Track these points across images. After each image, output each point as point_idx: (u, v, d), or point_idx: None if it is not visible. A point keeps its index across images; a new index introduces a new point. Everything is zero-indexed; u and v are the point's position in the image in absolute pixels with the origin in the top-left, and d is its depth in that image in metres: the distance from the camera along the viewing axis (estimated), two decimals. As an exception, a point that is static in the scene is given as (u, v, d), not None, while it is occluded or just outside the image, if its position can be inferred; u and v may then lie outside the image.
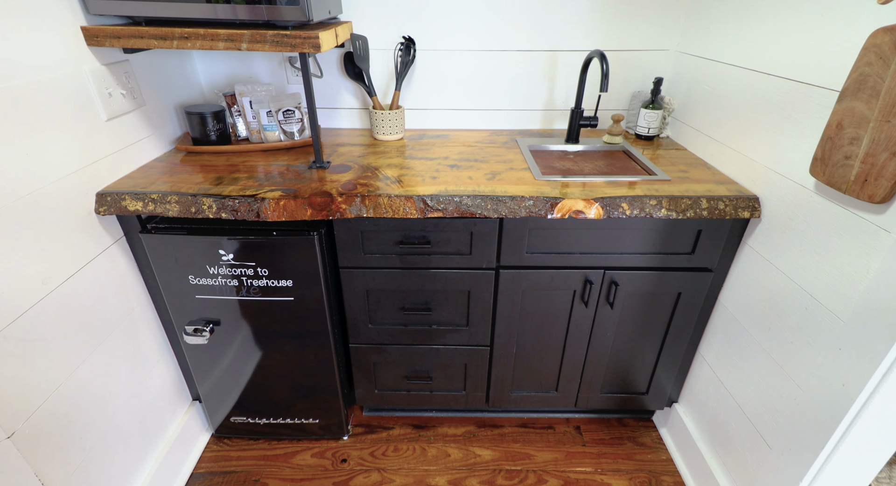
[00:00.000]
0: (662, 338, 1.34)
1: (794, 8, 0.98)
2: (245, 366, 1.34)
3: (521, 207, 1.09)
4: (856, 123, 0.81)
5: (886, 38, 0.76)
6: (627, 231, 1.16)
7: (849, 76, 0.82)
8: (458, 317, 1.31)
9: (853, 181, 0.83)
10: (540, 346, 1.36)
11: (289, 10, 1.04)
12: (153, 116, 1.28)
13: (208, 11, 1.05)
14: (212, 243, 1.12)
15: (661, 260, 1.20)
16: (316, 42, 1.06)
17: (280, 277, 1.17)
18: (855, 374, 0.83)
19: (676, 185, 1.15)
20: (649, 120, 1.44)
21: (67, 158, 0.99)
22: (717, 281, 1.23)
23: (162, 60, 1.32)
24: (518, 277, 1.23)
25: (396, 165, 1.27)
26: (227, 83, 1.54)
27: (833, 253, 0.89)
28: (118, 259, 1.14)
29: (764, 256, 1.07)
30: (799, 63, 0.97)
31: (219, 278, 1.17)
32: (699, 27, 1.34)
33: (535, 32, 1.45)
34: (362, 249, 1.19)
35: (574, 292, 1.25)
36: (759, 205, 1.08)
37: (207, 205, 1.07)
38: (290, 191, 1.10)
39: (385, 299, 1.28)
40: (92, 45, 1.04)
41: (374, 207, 1.09)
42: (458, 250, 1.20)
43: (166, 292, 1.20)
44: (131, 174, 1.17)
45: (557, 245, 1.18)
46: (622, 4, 1.41)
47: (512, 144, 1.45)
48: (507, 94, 1.56)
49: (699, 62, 1.33)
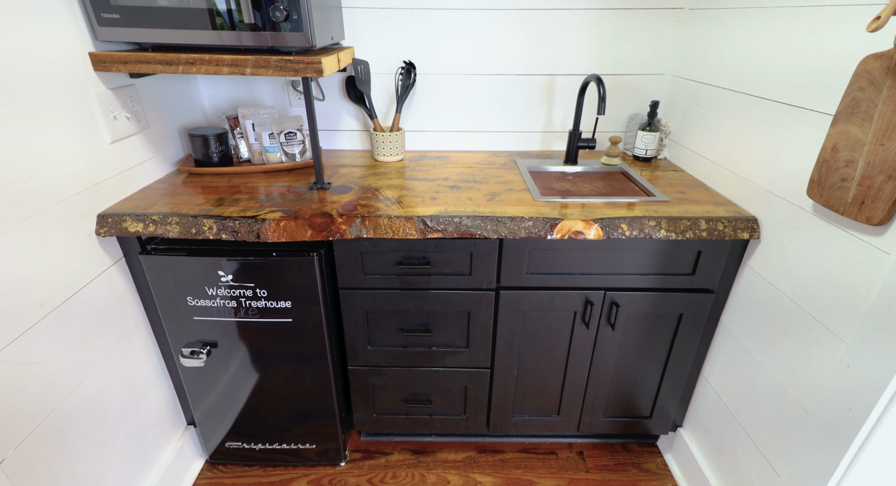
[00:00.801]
0: (665, 360, 1.32)
1: (784, 36, 1.01)
2: (241, 389, 1.31)
3: (520, 228, 1.09)
4: (851, 147, 0.82)
5: (877, 64, 0.78)
6: (627, 252, 1.15)
7: (842, 100, 0.83)
8: (457, 338, 1.30)
9: (850, 203, 0.83)
10: (541, 368, 1.35)
11: (293, 36, 1.07)
12: (156, 138, 1.30)
13: (214, 38, 1.07)
14: (211, 264, 1.12)
15: (661, 281, 1.19)
16: (318, 67, 1.08)
17: (279, 298, 1.16)
18: (861, 399, 0.81)
19: (675, 206, 1.15)
20: (646, 142, 1.46)
21: (70, 180, 0.99)
22: (718, 302, 1.22)
23: (167, 84, 1.34)
24: (518, 297, 1.22)
25: (396, 186, 1.28)
26: (230, 106, 1.56)
27: (833, 275, 0.89)
28: (117, 280, 1.13)
29: (765, 277, 1.07)
30: (792, 87, 0.99)
31: (217, 300, 1.16)
32: (693, 53, 1.37)
33: (533, 57, 1.49)
34: (362, 269, 1.19)
35: (575, 313, 1.24)
36: (757, 226, 1.08)
37: (208, 226, 1.07)
38: (290, 212, 1.11)
39: (384, 320, 1.27)
40: (99, 70, 1.06)
41: (374, 227, 1.10)
42: (458, 270, 1.19)
43: (164, 313, 1.19)
44: (133, 196, 1.18)
45: (557, 266, 1.18)
46: (617, 30, 1.44)
47: (511, 166, 1.47)
48: (506, 116, 1.58)
49: (694, 86, 1.36)
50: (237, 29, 1.06)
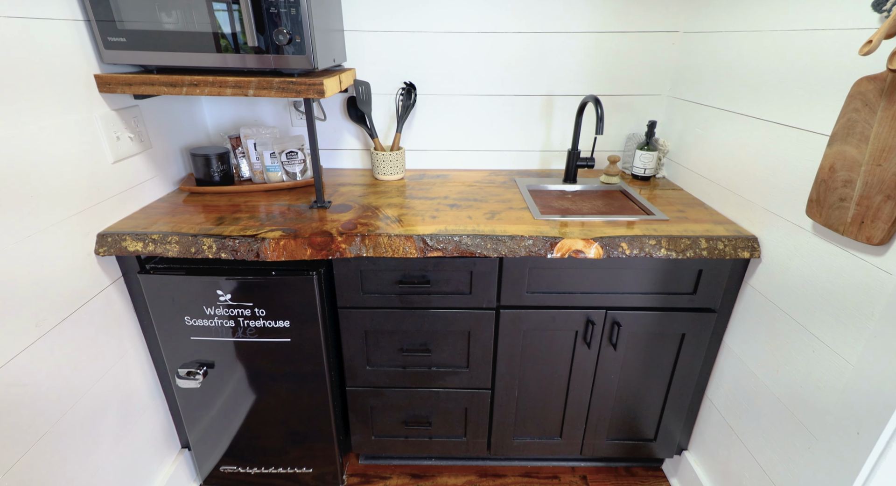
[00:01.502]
0: (668, 381, 1.30)
1: (777, 58, 1.03)
2: (237, 411, 1.29)
3: (520, 247, 1.09)
4: (848, 167, 0.83)
5: (871, 87, 0.79)
6: (628, 271, 1.15)
7: (837, 121, 0.84)
8: (458, 358, 1.28)
9: (850, 223, 0.83)
10: (542, 389, 1.32)
11: (295, 59, 1.09)
12: (159, 157, 1.31)
13: (218, 60, 1.09)
14: (210, 284, 1.11)
15: (663, 300, 1.18)
16: (320, 88, 1.10)
17: (277, 317, 1.15)
18: (869, 422, 0.79)
19: (675, 225, 1.15)
20: (645, 161, 1.47)
21: (71, 200, 1.00)
22: (720, 322, 1.21)
23: (171, 105, 1.36)
24: (519, 317, 1.21)
25: (396, 205, 1.29)
26: (232, 126, 1.58)
27: (836, 295, 0.88)
28: (114, 300, 1.13)
29: (767, 296, 1.06)
30: (787, 109, 1.00)
31: (215, 319, 1.15)
32: (689, 74, 1.39)
33: (532, 78, 1.51)
34: (361, 288, 1.18)
35: (576, 333, 1.23)
36: (758, 245, 1.08)
37: (207, 245, 1.07)
38: (290, 231, 1.11)
39: (384, 339, 1.26)
40: (104, 91, 1.07)
41: (373, 246, 1.09)
42: (458, 289, 1.19)
43: (161, 333, 1.18)
44: (133, 215, 1.18)
45: (558, 285, 1.18)
46: (614, 52, 1.47)
47: (511, 184, 1.48)
48: (506, 135, 1.60)
49: (691, 106, 1.38)
50: (241, 51, 1.08)
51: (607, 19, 1.43)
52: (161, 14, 1.03)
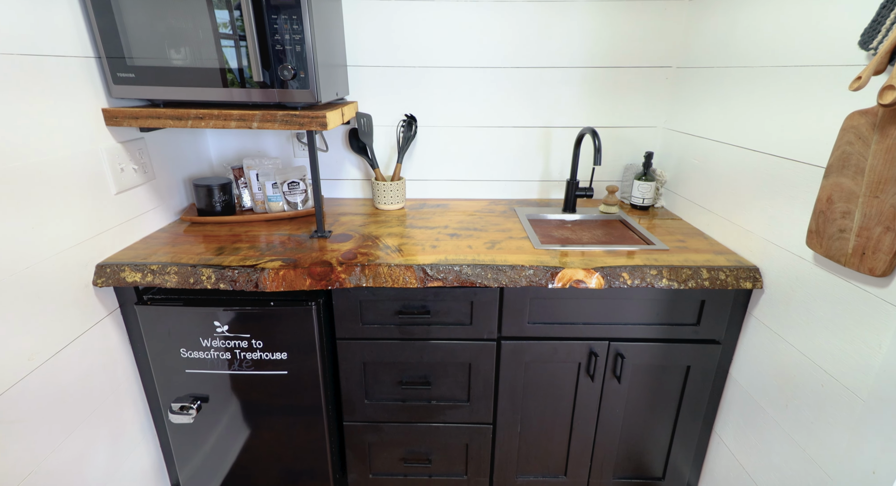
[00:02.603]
0: (675, 416, 1.27)
1: (770, 92, 1.05)
2: (230, 448, 1.25)
3: (521, 277, 1.09)
4: (845, 198, 0.84)
5: (863, 121, 0.80)
6: (630, 301, 1.14)
7: (832, 154, 0.86)
8: (458, 392, 1.25)
9: (851, 254, 0.83)
10: (546, 424, 1.29)
11: (299, 93, 1.11)
12: (162, 188, 1.32)
13: (224, 95, 1.12)
14: (207, 315, 1.10)
15: (666, 331, 1.17)
16: (323, 121, 1.12)
17: (275, 349, 1.13)
18: (885, 459, 0.77)
19: (675, 254, 1.15)
20: (643, 191, 1.49)
21: (72, 230, 1.00)
22: (726, 354, 1.19)
23: (175, 136, 1.39)
24: (520, 348, 1.19)
25: (397, 234, 1.29)
26: (236, 157, 1.60)
27: (841, 327, 0.87)
28: (110, 332, 1.11)
29: (771, 328, 1.05)
30: (782, 141, 1.02)
31: (211, 351, 1.13)
32: (683, 108, 1.43)
33: (530, 111, 1.55)
34: (360, 319, 1.17)
35: (579, 365, 1.21)
36: (759, 276, 1.07)
37: (206, 275, 1.06)
38: (290, 260, 1.10)
39: (382, 372, 1.23)
40: (110, 125, 1.10)
41: (373, 276, 1.09)
42: (459, 320, 1.17)
43: (156, 366, 1.15)
44: (133, 245, 1.18)
45: (560, 315, 1.16)
46: (610, 86, 1.51)
47: (510, 213, 1.48)
48: (505, 165, 1.62)
49: (686, 138, 1.40)
50: (246, 86, 1.11)
51: (602, 56, 1.47)
52: (170, 51, 1.06)
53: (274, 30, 1.05)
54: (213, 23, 1.04)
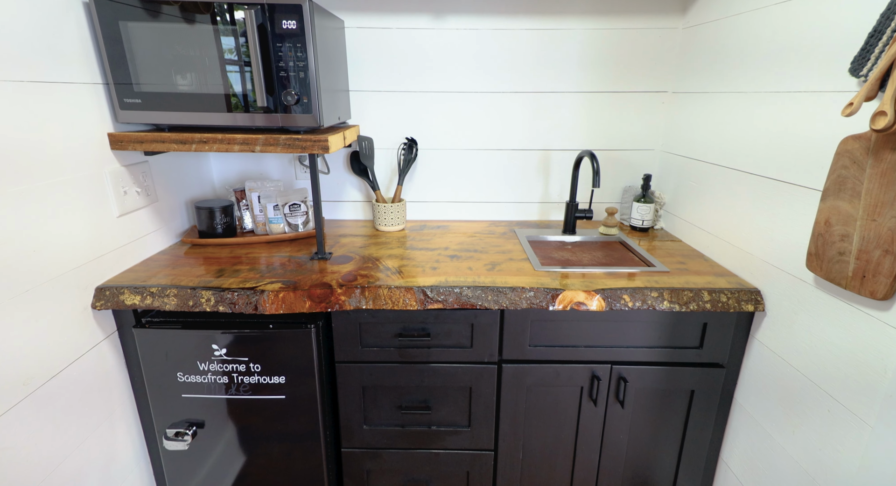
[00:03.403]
0: (680, 441, 1.24)
1: (765, 117, 1.07)
2: (225, 475, 1.22)
3: (521, 299, 1.08)
4: (843, 221, 0.84)
5: (857, 145, 0.82)
6: (632, 324, 1.13)
7: (828, 177, 0.87)
8: (459, 417, 1.23)
9: (851, 277, 0.83)
10: (548, 451, 1.26)
11: (302, 117, 1.13)
12: (164, 211, 1.33)
13: (228, 119, 1.14)
14: (205, 338, 1.09)
15: (669, 354, 1.16)
16: (325, 145, 1.14)
17: (273, 373, 1.12)
18: (898, 489, 0.75)
19: (676, 276, 1.15)
20: (642, 213, 1.50)
21: (73, 253, 1.00)
22: (730, 378, 1.17)
23: (179, 160, 1.40)
24: (521, 371, 1.17)
25: (397, 256, 1.29)
26: (238, 179, 1.62)
27: (845, 351, 0.86)
28: (107, 356, 1.10)
29: (775, 351, 1.04)
30: (778, 164, 1.03)
31: (209, 375, 1.12)
32: (680, 131, 1.45)
33: (530, 134, 1.57)
34: (360, 342, 1.16)
35: (581, 389, 1.19)
36: (761, 298, 1.07)
37: (206, 298, 1.06)
38: (290, 282, 1.10)
39: (382, 396, 1.21)
40: (115, 148, 1.11)
41: (373, 298, 1.08)
42: (459, 342, 1.16)
43: (152, 391, 1.13)
44: (134, 267, 1.18)
45: (561, 338, 1.15)
46: (607, 110, 1.54)
47: (510, 235, 1.49)
48: (505, 187, 1.64)
49: (683, 160, 1.42)
50: (250, 110, 1.13)
51: (599, 81, 1.51)
52: (177, 77, 1.09)
53: (279, 57, 1.08)
54: (219, 50, 1.07)
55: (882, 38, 0.78)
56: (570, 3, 1.43)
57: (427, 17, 1.44)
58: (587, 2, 1.43)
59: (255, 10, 1.03)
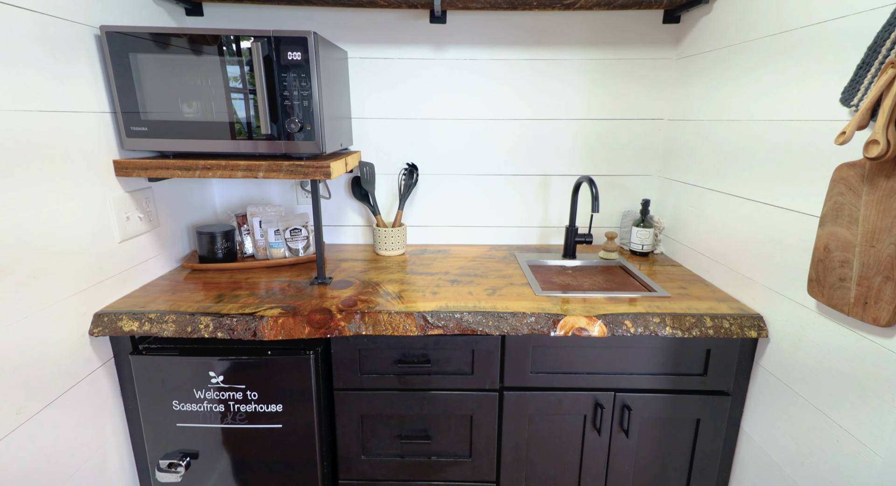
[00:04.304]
0: (687, 474, 1.20)
1: (758, 146, 1.09)
2: (219, 507, 1.18)
3: (522, 324, 1.07)
4: (842, 247, 0.84)
5: (851, 172, 0.83)
6: (634, 350, 1.12)
7: (825, 204, 0.87)
8: (460, 446, 1.20)
9: (854, 303, 0.83)
10: (552, 482, 1.22)
11: (305, 144, 1.15)
12: (165, 236, 1.33)
13: (232, 146, 1.16)
14: (202, 364, 1.07)
15: (673, 382, 1.14)
16: (327, 171, 1.15)
17: (270, 401, 1.10)
18: (914, 525, 0.72)
19: (677, 302, 1.15)
20: (642, 237, 1.50)
21: (73, 279, 1.00)
22: (736, 406, 1.15)
23: (182, 185, 1.42)
24: (523, 399, 1.15)
25: (397, 281, 1.29)
26: (240, 204, 1.63)
27: (851, 379, 0.85)
28: (102, 384, 1.08)
29: (781, 379, 1.02)
30: (774, 191, 1.04)
31: (204, 403, 1.10)
32: (676, 157, 1.47)
33: (528, 159, 1.59)
34: (359, 369, 1.14)
35: (585, 418, 1.16)
36: (764, 324, 1.06)
37: (204, 324, 1.05)
38: (289, 308, 1.09)
39: (381, 425, 1.18)
40: (120, 175, 1.13)
41: (373, 324, 1.08)
42: (460, 369, 1.14)
43: (146, 420, 1.11)
44: (133, 293, 1.17)
45: (563, 364, 1.14)
46: (604, 137, 1.57)
47: (511, 259, 1.49)
48: (505, 212, 1.65)
49: (681, 186, 1.44)
50: (254, 137, 1.15)
51: (596, 108, 1.54)
52: (183, 105, 1.11)
53: (283, 86, 1.11)
54: (224, 80, 1.10)
55: (870, 70, 0.81)
56: (566, 35, 1.48)
57: (428, 49, 1.49)
58: (582, 34, 1.47)
59: (261, 43, 1.06)
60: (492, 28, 1.47)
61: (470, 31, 1.47)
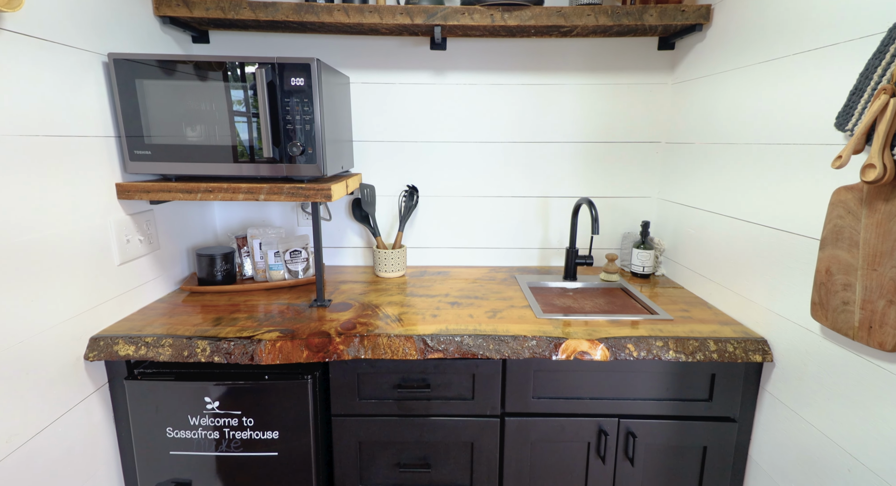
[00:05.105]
0: (695, 502, 1.17)
1: (758, 169, 1.10)
2: (211, 540, 1.14)
3: (524, 348, 1.06)
4: (844, 270, 0.84)
5: (850, 195, 0.83)
6: (637, 374, 1.10)
7: (825, 226, 0.87)
8: (460, 475, 1.16)
9: (858, 327, 0.82)
10: (555, 511, 1.18)
11: (307, 167, 1.16)
12: (164, 258, 1.33)
13: (234, 169, 1.17)
14: (198, 390, 1.06)
15: (678, 408, 1.11)
16: (328, 193, 1.16)
17: (266, 427, 1.08)
18: (933, 560, 0.69)
19: (680, 325, 1.13)
20: (642, 259, 1.50)
21: (70, 304, 0.99)
22: (743, 433, 1.12)
23: (183, 208, 1.42)
24: (525, 426, 1.13)
25: (397, 303, 1.28)
26: (240, 226, 1.64)
27: (859, 405, 0.83)
28: (95, 410, 1.06)
29: (787, 405, 1.00)
30: (773, 213, 1.04)
31: (199, 430, 1.07)
32: (675, 180, 1.48)
33: (528, 181, 1.61)
34: (358, 394, 1.12)
35: (588, 445, 1.14)
36: (768, 348, 1.05)
37: (201, 348, 1.04)
38: (287, 331, 1.08)
39: (379, 453, 1.15)
40: (122, 198, 1.13)
41: (372, 347, 1.06)
42: (460, 394, 1.12)
43: (139, 447, 1.08)
44: (130, 316, 1.16)
45: (565, 390, 1.12)
46: (603, 160, 1.58)
47: (511, 281, 1.48)
48: (505, 233, 1.65)
49: (681, 208, 1.44)
50: (256, 160, 1.16)
51: (594, 132, 1.56)
52: (186, 129, 1.13)
53: (286, 111, 1.12)
54: (228, 104, 1.12)
55: (863, 96, 0.82)
56: (564, 61, 1.51)
57: (428, 74, 1.52)
58: (580, 60, 1.51)
59: (265, 69, 1.08)
60: (491, 54, 1.50)
61: (469, 57, 1.51)
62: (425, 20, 1.29)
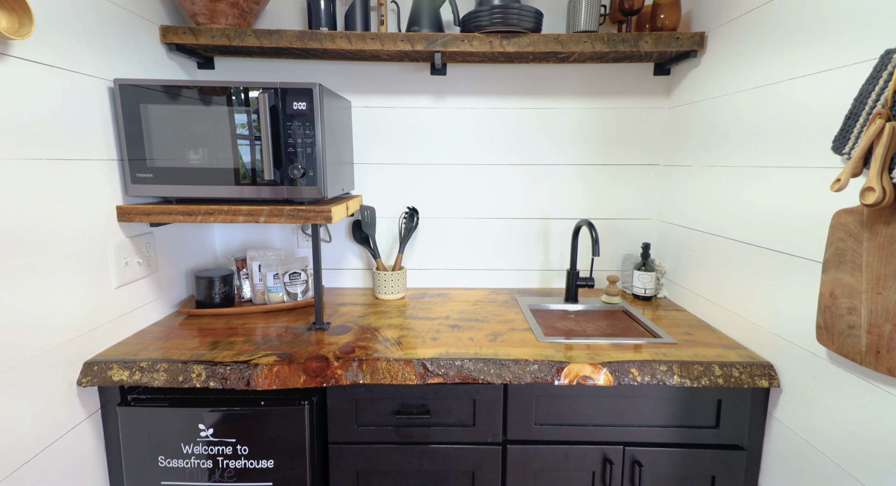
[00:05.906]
0: (705, 535, 1.12)
1: (757, 190, 1.10)
2: None
3: (525, 372, 1.04)
4: (848, 294, 0.83)
5: (850, 218, 0.83)
6: (642, 400, 1.08)
7: (826, 249, 0.87)
8: (461, 505, 1.13)
9: (865, 352, 0.80)
10: (560, 545, 1.14)
11: (307, 189, 1.17)
12: (163, 281, 1.32)
13: (235, 192, 1.17)
14: (192, 417, 1.03)
15: (684, 435, 1.09)
16: (328, 215, 1.16)
17: (261, 456, 1.04)
18: None
19: (684, 348, 1.12)
20: (644, 281, 1.49)
21: (65, 327, 0.98)
22: (752, 461, 1.09)
23: (183, 230, 1.42)
24: (528, 454, 1.09)
25: (396, 326, 1.26)
26: (240, 248, 1.63)
27: (869, 432, 0.81)
28: (86, 438, 1.03)
29: (796, 432, 0.98)
30: (775, 235, 1.04)
31: (192, 459, 1.04)
32: (674, 201, 1.49)
33: (528, 204, 1.61)
34: (356, 420, 1.09)
35: (593, 474, 1.10)
36: (775, 373, 1.03)
37: (196, 373, 1.02)
38: (285, 355, 1.06)
39: (377, 482, 1.12)
40: (122, 221, 1.13)
41: (371, 372, 1.04)
42: (461, 420, 1.10)
43: (129, 478, 1.05)
44: (126, 340, 1.15)
45: (568, 416, 1.09)
46: (603, 181, 1.59)
47: (512, 303, 1.47)
48: (505, 255, 1.65)
49: (681, 230, 1.44)
50: (257, 182, 1.16)
51: (593, 154, 1.58)
52: (189, 152, 1.14)
53: (288, 134, 1.13)
54: (231, 128, 1.13)
55: (859, 120, 0.83)
56: (561, 86, 1.54)
57: (428, 98, 1.55)
58: (577, 84, 1.53)
59: (269, 94, 1.10)
60: (490, 79, 1.53)
61: (469, 82, 1.54)
62: (426, 47, 1.32)
